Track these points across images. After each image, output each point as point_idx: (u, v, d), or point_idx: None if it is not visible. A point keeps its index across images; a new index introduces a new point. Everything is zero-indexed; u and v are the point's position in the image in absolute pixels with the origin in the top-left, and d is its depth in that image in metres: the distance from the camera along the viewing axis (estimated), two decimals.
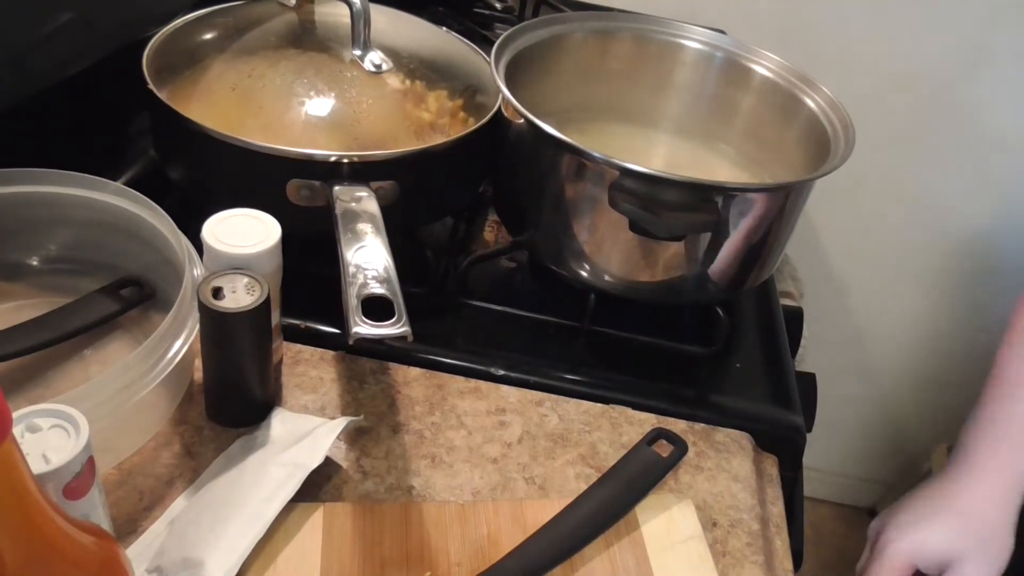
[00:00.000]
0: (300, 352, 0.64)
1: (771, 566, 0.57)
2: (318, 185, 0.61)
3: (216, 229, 0.54)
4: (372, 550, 0.51)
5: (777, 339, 0.75)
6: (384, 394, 0.62)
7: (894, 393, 1.63)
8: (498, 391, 0.64)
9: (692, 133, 0.82)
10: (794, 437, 0.66)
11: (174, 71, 0.67)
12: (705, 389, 0.68)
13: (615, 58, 0.81)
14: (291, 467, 0.52)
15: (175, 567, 0.47)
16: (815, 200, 0.71)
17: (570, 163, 0.63)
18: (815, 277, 1.46)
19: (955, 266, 1.46)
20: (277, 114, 0.65)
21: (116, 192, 0.60)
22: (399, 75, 0.70)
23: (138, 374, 0.50)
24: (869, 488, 1.78)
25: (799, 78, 0.75)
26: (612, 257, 0.66)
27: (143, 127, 0.73)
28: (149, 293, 0.62)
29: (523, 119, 0.64)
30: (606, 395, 0.66)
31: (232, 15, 0.73)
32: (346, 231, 0.56)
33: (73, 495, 0.42)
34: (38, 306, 0.60)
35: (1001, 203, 1.39)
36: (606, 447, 0.62)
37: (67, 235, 0.63)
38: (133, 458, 0.55)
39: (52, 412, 0.42)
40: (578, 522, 0.54)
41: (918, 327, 1.54)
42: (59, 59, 0.64)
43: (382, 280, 0.52)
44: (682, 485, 0.60)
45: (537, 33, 0.75)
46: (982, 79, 1.27)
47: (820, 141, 0.70)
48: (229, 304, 0.51)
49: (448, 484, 0.57)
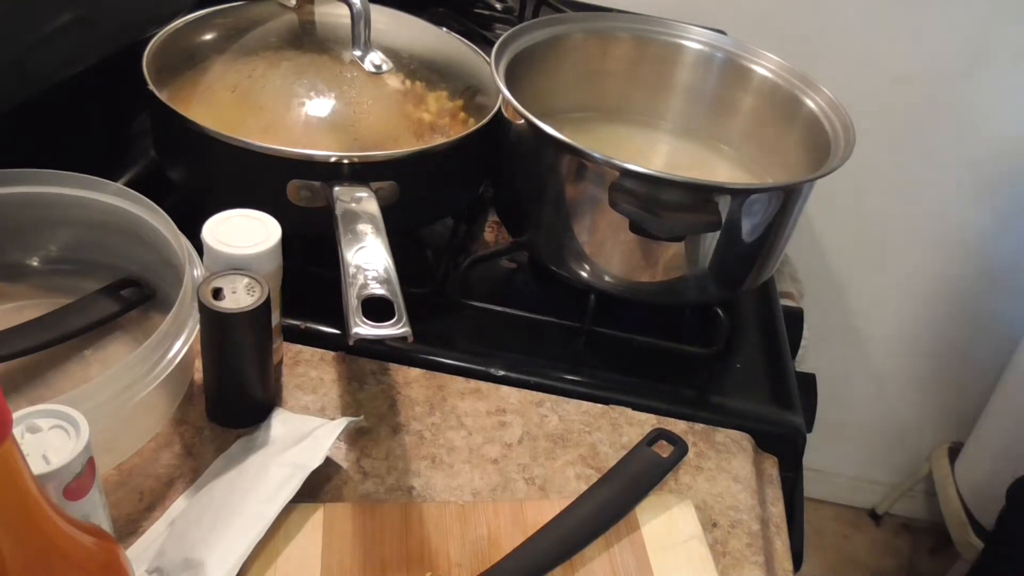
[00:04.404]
0: (300, 353, 0.64)
1: (771, 567, 0.57)
2: (318, 185, 0.61)
3: (216, 230, 0.54)
4: (372, 551, 0.51)
5: (777, 340, 0.75)
6: (384, 395, 0.62)
7: (894, 393, 1.63)
8: (498, 392, 0.64)
9: (692, 134, 0.82)
10: (794, 437, 0.66)
11: (175, 72, 0.67)
12: (705, 389, 0.68)
13: (615, 59, 0.81)
14: (291, 468, 0.52)
15: (175, 568, 0.47)
16: (815, 200, 0.71)
17: (570, 164, 0.64)
18: (815, 277, 1.46)
19: (955, 266, 1.46)
20: (277, 115, 0.65)
21: (116, 193, 0.60)
22: (399, 76, 0.70)
23: (138, 375, 0.50)
24: (869, 488, 1.78)
25: (799, 78, 0.75)
26: (612, 257, 0.66)
27: (143, 128, 0.73)
28: (149, 294, 0.62)
29: (523, 120, 0.64)
30: (606, 395, 0.66)
31: (232, 16, 0.74)
32: (346, 232, 0.56)
33: (73, 496, 0.42)
34: (38, 307, 0.60)
35: (1001, 203, 1.39)
36: (606, 448, 0.62)
37: (67, 236, 0.63)
38: (133, 459, 0.55)
39: (52, 413, 0.42)
40: (578, 523, 0.54)
41: (918, 327, 1.54)
42: (59, 59, 0.64)
43: (382, 281, 0.52)
44: (682, 485, 0.60)
45: (537, 34, 0.75)
46: (982, 79, 1.27)
47: (820, 141, 0.70)
48: (229, 305, 0.51)
49: (448, 485, 0.57)
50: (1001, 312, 1.50)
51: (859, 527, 1.79)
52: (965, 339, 1.54)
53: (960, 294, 1.49)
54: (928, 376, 1.60)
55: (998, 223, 1.41)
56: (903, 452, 1.71)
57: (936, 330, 1.54)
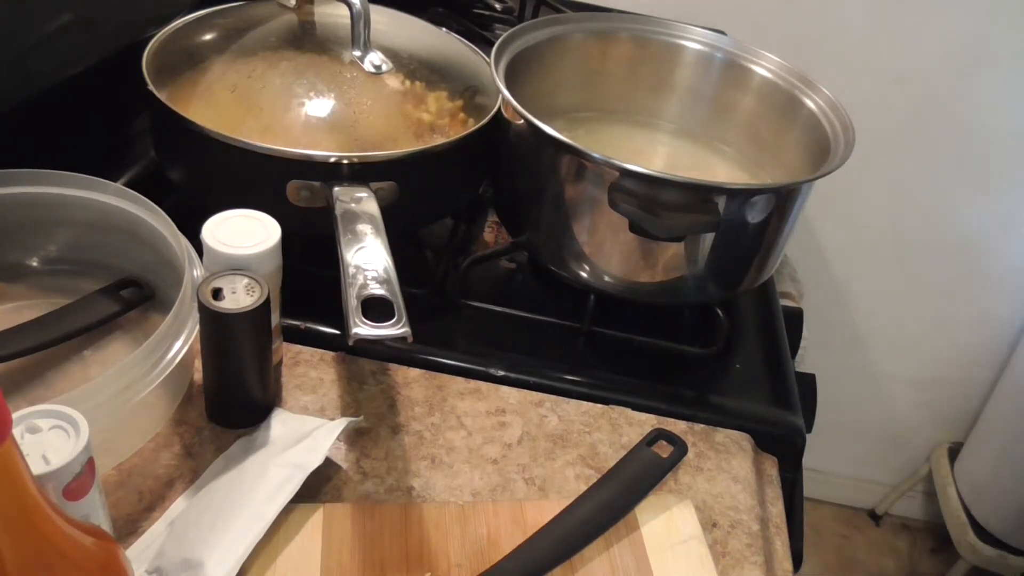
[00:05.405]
0: (300, 353, 0.64)
1: (771, 567, 0.57)
2: (318, 186, 0.61)
3: (216, 230, 0.54)
4: (372, 551, 0.51)
5: (777, 340, 0.75)
6: (384, 395, 0.62)
7: (894, 394, 1.63)
8: (498, 392, 0.64)
9: (692, 134, 0.82)
10: (794, 438, 0.66)
11: (174, 72, 0.67)
12: (705, 390, 0.68)
13: (615, 59, 0.81)
14: (291, 468, 0.52)
15: (175, 568, 0.47)
16: (815, 201, 0.71)
17: (570, 164, 0.64)
18: (815, 278, 1.46)
19: (955, 266, 1.46)
20: (277, 115, 0.65)
21: (116, 193, 0.60)
22: (399, 76, 0.70)
23: (138, 375, 0.50)
24: (869, 489, 1.78)
25: (799, 79, 0.75)
26: (612, 258, 0.66)
27: (143, 128, 0.73)
28: (149, 294, 0.62)
29: (523, 120, 0.64)
30: (606, 396, 0.66)
31: (232, 16, 0.74)
32: (346, 232, 0.56)
33: (73, 496, 0.42)
34: (38, 307, 0.60)
35: (1001, 203, 1.39)
36: (606, 448, 0.62)
37: (67, 236, 0.63)
38: (133, 459, 0.55)
39: (52, 413, 0.42)
40: (578, 523, 0.54)
41: (918, 327, 1.54)
42: (59, 59, 0.64)
43: (382, 281, 0.52)
44: (682, 486, 0.60)
45: (537, 34, 0.75)
46: (982, 79, 1.27)
47: (820, 142, 0.70)
48: (229, 305, 0.51)
49: (448, 485, 0.57)
50: (1001, 312, 1.50)
51: (859, 527, 1.79)
52: (965, 339, 1.54)
53: (960, 294, 1.49)
54: (928, 376, 1.60)
55: (998, 223, 1.41)
56: (903, 452, 1.71)
57: (936, 330, 1.54)
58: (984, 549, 1.48)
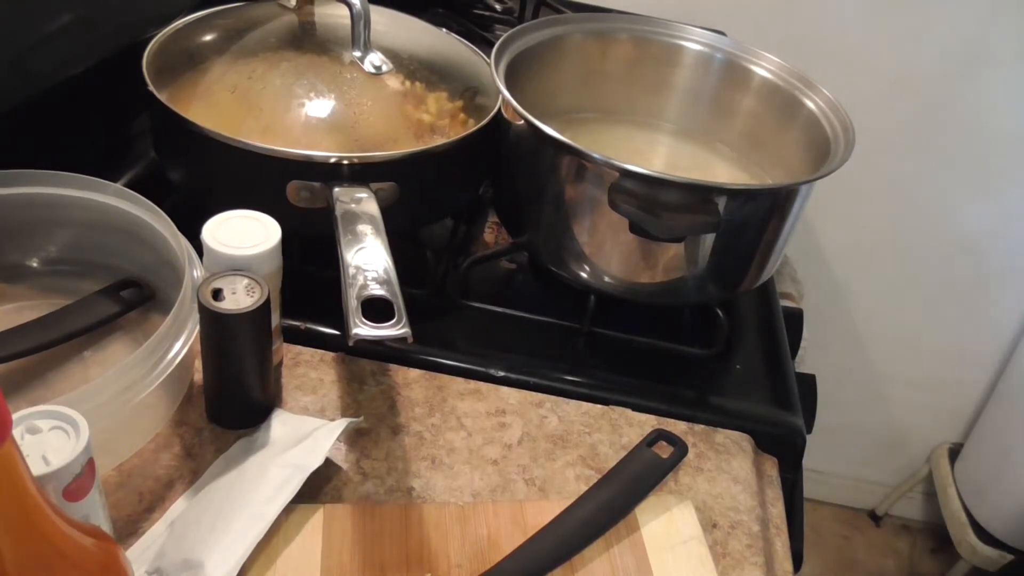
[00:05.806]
0: (300, 353, 0.64)
1: (771, 567, 0.57)
2: (318, 186, 0.61)
3: (216, 230, 0.54)
4: (372, 552, 0.51)
5: (777, 340, 0.75)
6: (384, 396, 0.62)
7: (894, 394, 1.63)
8: (498, 392, 0.64)
9: (692, 134, 0.82)
10: (794, 438, 0.66)
11: (174, 72, 0.67)
12: (705, 390, 0.68)
13: (615, 60, 0.81)
14: (291, 468, 0.52)
15: (175, 568, 0.47)
16: (815, 201, 0.71)
17: (570, 164, 0.64)
18: (815, 278, 1.46)
19: (955, 266, 1.46)
20: (277, 115, 0.65)
21: (116, 193, 0.60)
22: (399, 76, 0.70)
23: (138, 376, 0.50)
24: (869, 490, 1.78)
25: (799, 79, 0.75)
26: (612, 258, 0.66)
27: (143, 128, 0.73)
28: (149, 294, 0.62)
29: (523, 120, 0.64)
30: (606, 396, 0.66)
31: (232, 17, 0.74)
32: (346, 232, 0.56)
33: (73, 497, 0.42)
34: (38, 307, 0.60)
35: (1001, 203, 1.39)
36: (606, 448, 0.62)
37: (67, 236, 0.63)
38: (133, 460, 0.54)
39: (52, 414, 0.42)
40: (578, 524, 0.54)
41: (918, 328, 1.54)
42: (59, 59, 0.64)
43: (382, 281, 0.52)
44: (682, 486, 0.60)
45: (537, 35, 0.75)
46: (982, 79, 1.27)
47: (820, 142, 0.70)
48: (229, 305, 0.51)
49: (448, 486, 0.57)
50: (1000, 312, 1.50)
51: (859, 528, 1.79)
52: (965, 339, 1.54)
53: (960, 294, 1.49)
54: (928, 376, 1.60)
55: (998, 223, 1.41)
56: (903, 453, 1.71)
57: (936, 330, 1.54)
58: (984, 549, 1.48)
